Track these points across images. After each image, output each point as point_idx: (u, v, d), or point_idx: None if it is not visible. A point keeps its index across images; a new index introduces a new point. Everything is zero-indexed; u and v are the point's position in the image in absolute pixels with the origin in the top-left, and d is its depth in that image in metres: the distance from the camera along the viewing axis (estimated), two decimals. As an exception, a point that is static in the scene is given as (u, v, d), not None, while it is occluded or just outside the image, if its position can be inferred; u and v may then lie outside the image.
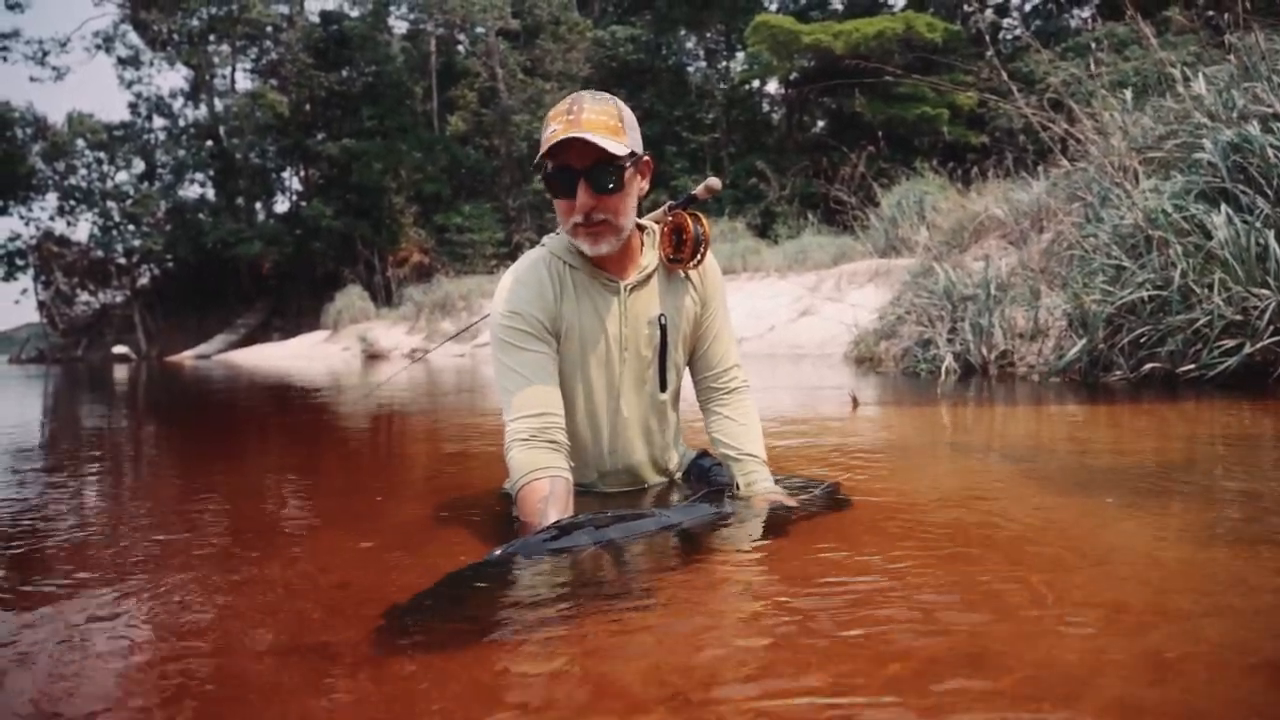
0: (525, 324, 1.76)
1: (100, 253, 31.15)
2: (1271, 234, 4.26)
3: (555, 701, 0.94)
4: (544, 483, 1.65)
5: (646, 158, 1.76)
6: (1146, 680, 0.95)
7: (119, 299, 31.98)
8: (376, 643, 1.12)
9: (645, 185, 1.79)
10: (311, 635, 1.18)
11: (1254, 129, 4.63)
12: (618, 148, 1.63)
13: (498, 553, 1.39)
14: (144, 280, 32.48)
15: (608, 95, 1.71)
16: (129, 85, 31.84)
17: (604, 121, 1.64)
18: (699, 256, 1.82)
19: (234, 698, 0.99)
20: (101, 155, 30.76)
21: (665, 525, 1.56)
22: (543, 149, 1.65)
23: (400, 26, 31.07)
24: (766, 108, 29.06)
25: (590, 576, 1.36)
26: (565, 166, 1.65)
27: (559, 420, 1.74)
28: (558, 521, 1.50)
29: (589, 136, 1.59)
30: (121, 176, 31.22)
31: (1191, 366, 4.35)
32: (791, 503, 1.79)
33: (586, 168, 1.64)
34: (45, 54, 30.85)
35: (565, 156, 1.64)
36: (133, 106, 31.63)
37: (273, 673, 1.06)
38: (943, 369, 5.96)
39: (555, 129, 1.63)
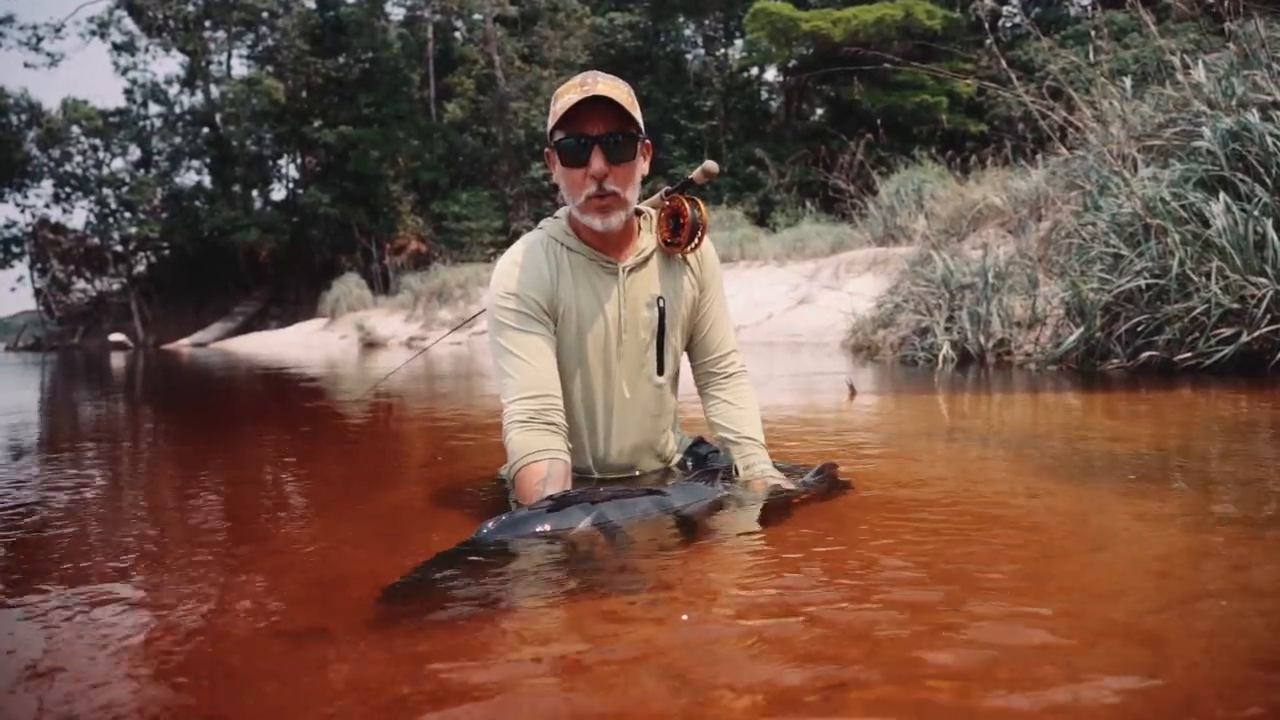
0: (523, 305, 1.75)
1: (96, 240, 31.05)
2: (1269, 222, 4.25)
3: (541, 683, 0.94)
4: (542, 464, 1.65)
5: (648, 141, 1.77)
6: (1144, 665, 0.95)
7: (115, 286, 31.88)
8: (366, 624, 1.12)
9: (645, 168, 1.79)
10: (306, 618, 1.18)
11: (1253, 117, 4.62)
12: (634, 115, 1.67)
13: (490, 525, 1.38)
14: (140, 268, 32.38)
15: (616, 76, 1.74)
16: (124, 71, 31.60)
17: (621, 92, 1.67)
18: (696, 240, 1.82)
19: (226, 678, 0.99)
20: (97, 142, 30.59)
21: (662, 506, 1.55)
22: (556, 116, 1.66)
23: (397, 13, 30.91)
24: (765, 95, 28.94)
25: (582, 557, 1.36)
26: (579, 134, 1.66)
27: (557, 402, 1.74)
28: (550, 495, 1.49)
29: (611, 93, 1.63)
30: (117, 163, 31.11)
31: (1189, 355, 4.35)
32: (790, 485, 1.79)
33: (601, 135, 1.66)
34: (40, 40, 30.64)
35: (579, 125, 1.66)
36: (128, 93, 31.42)
37: (266, 654, 1.06)
38: (940, 357, 5.95)
39: (571, 97, 1.64)
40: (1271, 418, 3.03)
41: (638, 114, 1.70)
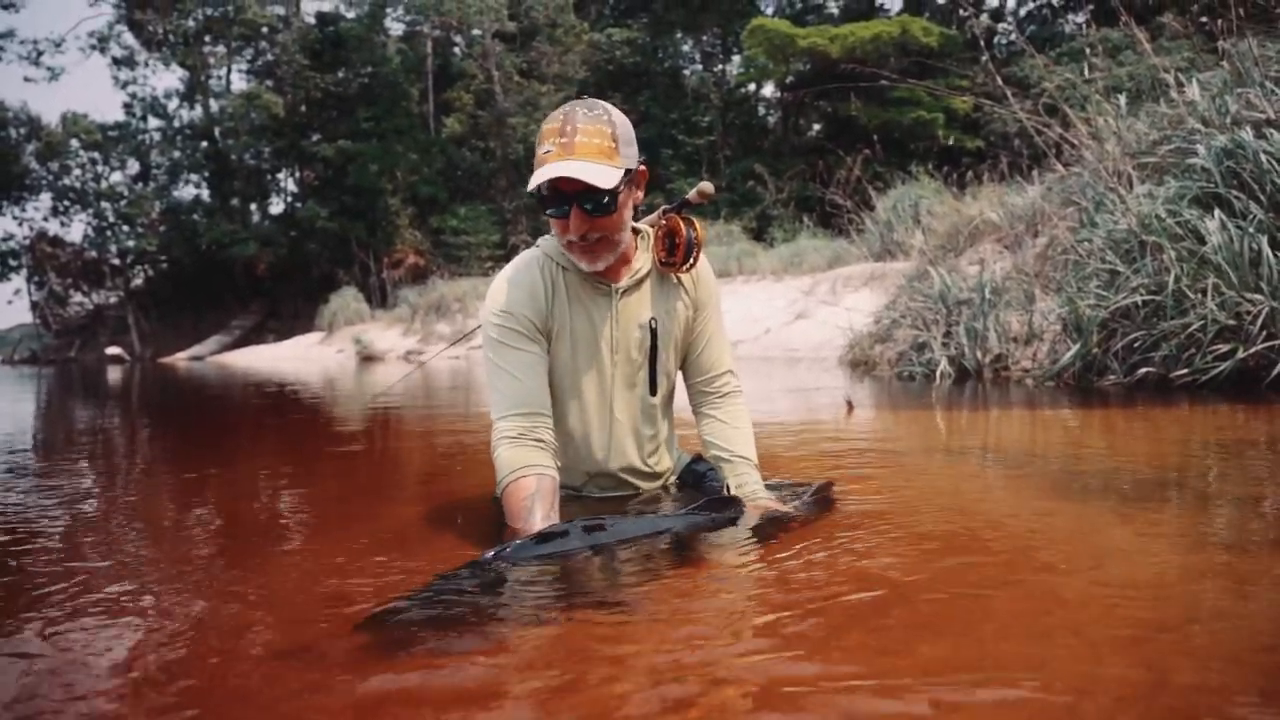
0: (516, 324, 1.75)
1: (94, 253, 31.03)
2: (1264, 239, 4.27)
3: (532, 707, 0.93)
4: (530, 480, 1.65)
5: (642, 166, 1.74)
6: (1141, 686, 0.94)
7: (113, 300, 31.85)
8: (361, 647, 1.11)
9: (640, 194, 1.77)
10: (301, 638, 1.17)
11: (1247, 134, 4.64)
12: (610, 176, 1.59)
13: (489, 555, 1.38)
14: (138, 281, 32.36)
15: (602, 106, 1.66)
16: (124, 86, 31.74)
17: (597, 145, 1.60)
18: (691, 260, 1.82)
19: (216, 698, 0.98)
20: (96, 156, 30.64)
21: (655, 530, 1.55)
22: (536, 171, 1.61)
23: (396, 28, 31.06)
24: (763, 111, 29.09)
25: (578, 580, 1.35)
26: (558, 190, 1.63)
27: (547, 420, 1.74)
28: (549, 527, 1.49)
29: (580, 172, 1.56)
30: (116, 177, 31.12)
31: (1185, 371, 4.36)
32: (782, 506, 1.78)
33: (579, 192, 1.62)
34: (40, 54, 30.74)
35: (558, 179, 1.61)
36: (127, 107, 31.51)
37: (260, 676, 1.05)
38: (937, 373, 5.96)
39: (549, 149, 1.60)
40: (1267, 434, 3.03)
41: (622, 156, 1.63)
